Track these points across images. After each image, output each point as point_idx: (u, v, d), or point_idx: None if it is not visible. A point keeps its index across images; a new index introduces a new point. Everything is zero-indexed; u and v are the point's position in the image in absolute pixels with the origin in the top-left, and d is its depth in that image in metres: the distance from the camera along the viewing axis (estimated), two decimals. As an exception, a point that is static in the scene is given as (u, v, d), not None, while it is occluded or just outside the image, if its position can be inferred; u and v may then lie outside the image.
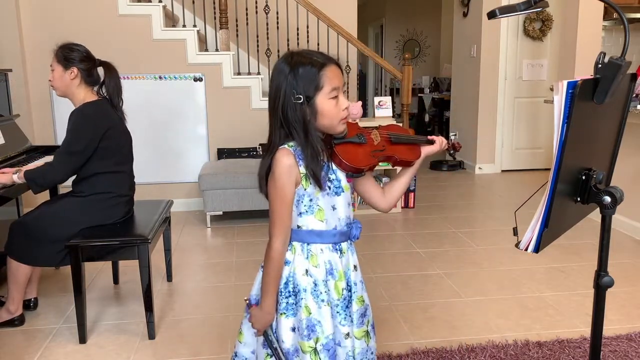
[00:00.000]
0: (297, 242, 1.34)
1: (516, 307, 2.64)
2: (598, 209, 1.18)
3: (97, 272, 3.14)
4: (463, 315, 2.55)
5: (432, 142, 1.48)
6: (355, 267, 1.40)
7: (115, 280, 3.01)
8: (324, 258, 1.34)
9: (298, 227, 1.33)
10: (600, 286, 1.20)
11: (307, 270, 1.33)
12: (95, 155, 2.36)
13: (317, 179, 1.27)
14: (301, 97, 1.23)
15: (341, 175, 1.33)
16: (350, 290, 1.38)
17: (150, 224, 2.47)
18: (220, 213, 4.12)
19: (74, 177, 2.44)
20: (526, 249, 1.14)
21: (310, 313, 1.32)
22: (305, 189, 1.29)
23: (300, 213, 1.32)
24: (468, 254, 3.40)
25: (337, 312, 1.35)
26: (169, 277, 3.03)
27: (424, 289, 2.86)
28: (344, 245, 1.37)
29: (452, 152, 1.61)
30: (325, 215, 1.32)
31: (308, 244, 1.34)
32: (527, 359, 2.15)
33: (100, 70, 2.51)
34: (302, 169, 1.27)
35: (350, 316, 1.37)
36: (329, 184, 1.31)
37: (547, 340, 2.29)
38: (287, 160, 1.26)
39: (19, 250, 2.38)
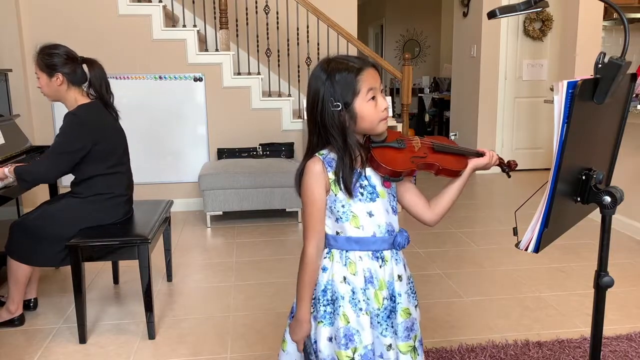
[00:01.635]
0: (336, 249, 1.32)
1: (516, 307, 2.64)
2: (598, 209, 1.18)
3: (97, 272, 3.14)
4: (463, 315, 2.55)
5: (481, 155, 1.42)
6: (400, 277, 1.36)
7: (115, 280, 3.01)
8: (362, 266, 1.31)
9: (337, 233, 1.32)
10: (600, 286, 1.20)
11: (345, 278, 1.31)
12: (90, 158, 2.36)
13: (348, 187, 1.26)
14: (339, 104, 1.23)
15: (376, 180, 1.32)
16: (394, 301, 1.34)
17: (150, 224, 2.47)
18: (220, 213, 4.12)
19: (72, 179, 2.44)
20: (526, 249, 1.14)
21: (348, 322, 1.29)
22: (335, 195, 1.29)
23: (337, 219, 1.31)
24: (468, 254, 3.40)
25: (379, 323, 1.32)
26: (169, 277, 3.03)
27: (424, 289, 2.86)
28: (387, 253, 1.34)
29: (506, 169, 1.52)
30: (361, 222, 1.30)
31: (347, 251, 1.32)
32: (527, 359, 2.15)
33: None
34: (331, 175, 1.28)
35: (393, 327, 1.34)
36: (361, 190, 1.29)
37: (547, 340, 2.29)
38: (315, 167, 1.27)
39: (19, 250, 2.38)
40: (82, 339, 2.35)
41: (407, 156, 1.34)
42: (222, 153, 4.48)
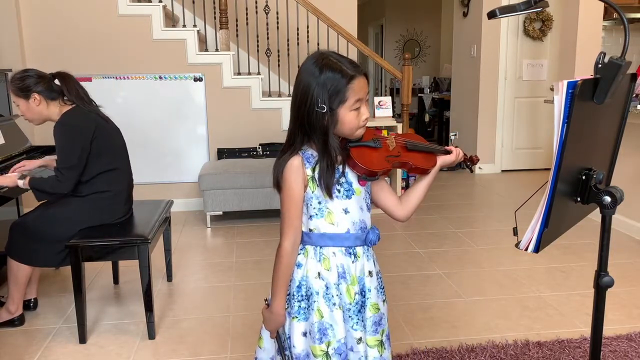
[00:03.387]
0: (310, 245, 1.34)
1: (516, 307, 2.64)
2: (598, 209, 1.18)
3: (97, 272, 3.14)
4: (463, 315, 2.55)
5: (448, 152, 1.47)
6: (370, 272, 1.38)
7: (115, 280, 3.01)
8: (336, 261, 1.33)
9: (310, 230, 1.33)
10: (600, 286, 1.20)
11: (319, 274, 1.33)
12: (89, 158, 2.37)
13: (328, 189, 1.27)
14: (324, 106, 1.23)
15: (352, 178, 1.33)
16: (364, 296, 1.37)
17: (150, 224, 2.47)
18: (220, 213, 4.12)
19: None
20: (526, 249, 1.14)
21: (322, 316, 1.32)
22: (312, 192, 1.30)
23: (311, 216, 1.32)
24: (468, 254, 3.40)
25: (350, 317, 1.34)
26: (169, 277, 3.03)
27: (424, 289, 2.86)
28: (359, 250, 1.36)
29: (469, 164, 1.58)
30: (336, 218, 1.32)
31: (320, 247, 1.33)
32: (527, 359, 2.15)
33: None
34: (309, 171, 1.28)
35: (363, 322, 1.36)
36: (338, 187, 1.30)
37: (547, 340, 2.29)
38: (294, 162, 1.28)
39: (20, 250, 2.38)
40: (82, 339, 2.35)
41: (382, 155, 1.36)
42: (222, 153, 4.48)
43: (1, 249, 2.51)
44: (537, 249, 1.13)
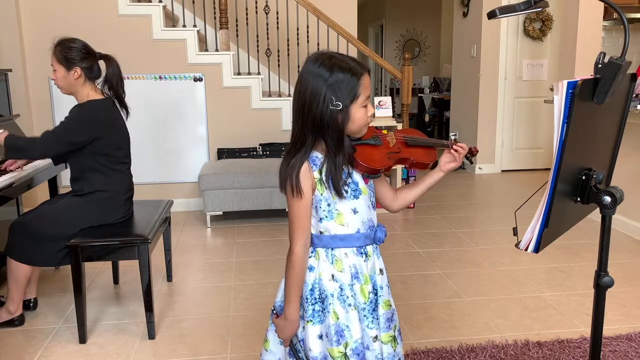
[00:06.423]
0: (321, 247, 1.33)
1: (516, 307, 2.64)
2: (598, 209, 1.18)
3: (97, 272, 3.14)
4: (463, 315, 2.55)
5: (448, 145, 1.48)
6: (381, 270, 1.40)
7: (115, 280, 3.01)
8: (348, 262, 1.33)
9: (320, 232, 1.33)
10: (600, 286, 1.20)
11: (332, 276, 1.32)
12: (89, 151, 2.37)
13: (337, 188, 1.27)
14: (340, 104, 1.23)
15: (358, 177, 1.33)
16: (376, 294, 1.38)
17: (150, 224, 2.47)
18: (220, 213, 4.12)
19: (71, 176, 2.45)
20: (526, 249, 1.14)
21: (338, 318, 1.31)
22: (321, 194, 1.29)
23: (321, 219, 1.31)
24: (468, 254, 3.40)
25: (365, 316, 1.35)
26: (169, 277, 3.03)
27: (424, 289, 2.86)
28: (369, 248, 1.37)
29: (469, 156, 1.62)
30: (346, 219, 1.32)
31: (332, 249, 1.33)
32: (527, 359, 2.15)
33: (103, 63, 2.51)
34: (316, 174, 1.28)
35: (377, 319, 1.37)
36: (345, 187, 1.30)
37: (547, 340, 2.29)
38: (302, 166, 1.27)
39: (19, 250, 2.38)
40: (82, 339, 2.35)
41: (383, 153, 1.37)
42: (222, 153, 4.48)
43: (1, 249, 2.51)
44: (537, 249, 1.13)
